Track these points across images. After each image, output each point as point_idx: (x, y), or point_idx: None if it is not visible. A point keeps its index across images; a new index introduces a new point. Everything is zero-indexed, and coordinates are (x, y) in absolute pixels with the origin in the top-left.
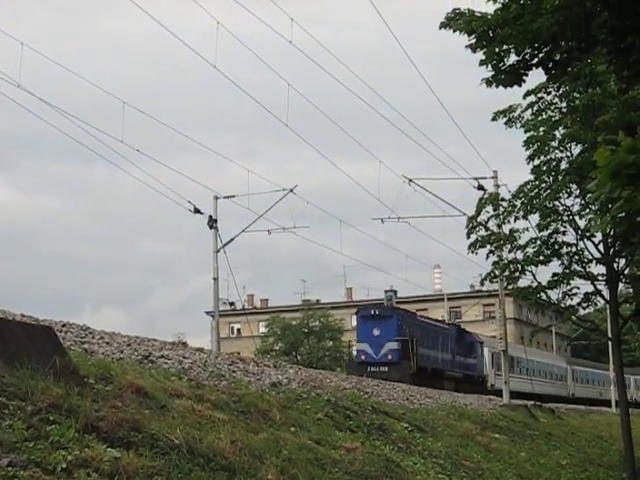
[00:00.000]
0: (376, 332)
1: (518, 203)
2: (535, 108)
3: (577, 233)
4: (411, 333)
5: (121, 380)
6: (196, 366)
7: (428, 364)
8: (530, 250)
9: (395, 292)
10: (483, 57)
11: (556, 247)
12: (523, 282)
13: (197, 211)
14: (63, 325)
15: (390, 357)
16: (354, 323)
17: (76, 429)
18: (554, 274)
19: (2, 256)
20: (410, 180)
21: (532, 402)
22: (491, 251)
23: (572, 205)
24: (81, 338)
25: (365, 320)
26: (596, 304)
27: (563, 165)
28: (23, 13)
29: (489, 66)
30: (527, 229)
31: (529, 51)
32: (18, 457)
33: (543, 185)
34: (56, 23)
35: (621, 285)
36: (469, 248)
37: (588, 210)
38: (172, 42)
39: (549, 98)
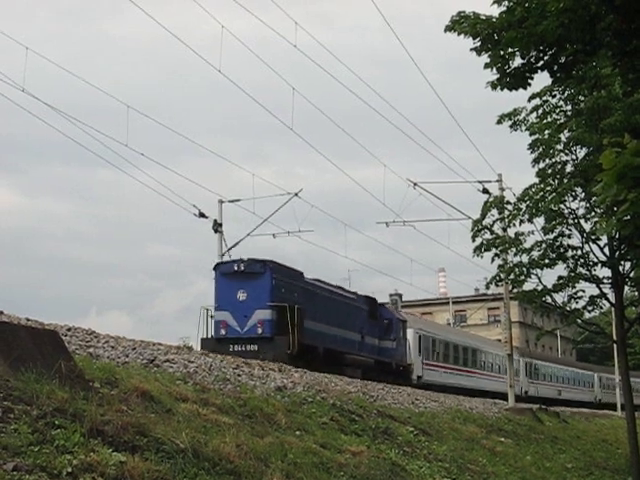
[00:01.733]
0: (241, 296)
1: (523, 206)
2: (540, 111)
3: (582, 236)
4: (293, 299)
5: (126, 384)
6: (201, 370)
7: (321, 343)
8: (535, 253)
9: (400, 296)
10: (488, 60)
11: (561, 250)
12: (528, 285)
13: (202, 215)
14: (68, 329)
15: (260, 330)
16: None
17: (81, 433)
18: (559, 277)
19: (8, 259)
20: (415, 184)
21: (538, 405)
22: (496, 254)
23: (577, 208)
24: (86, 342)
25: (226, 279)
26: (601, 307)
27: (568, 168)
28: (28, 17)
29: (494, 69)
30: (532, 232)
31: (534, 54)
32: (23, 461)
33: (548, 188)
34: (63, 27)
35: (627, 288)
36: (474, 251)
37: (593, 213)
38: (181, 46)
39: (554, 101)
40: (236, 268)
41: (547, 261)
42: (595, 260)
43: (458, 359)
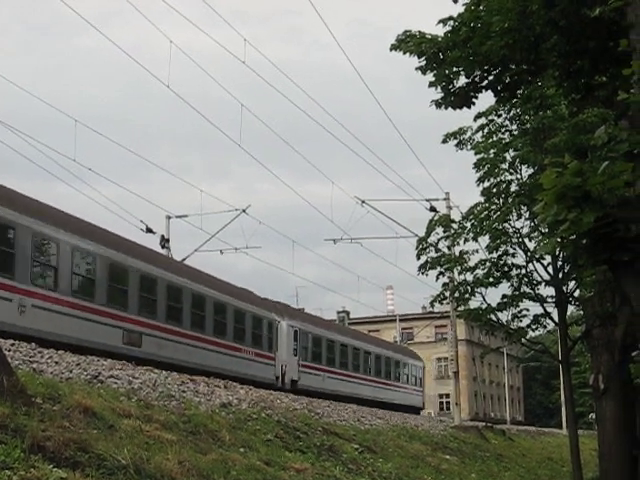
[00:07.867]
0: None
1: (468, 225)
2: (486, 130)
3: (526, 255)
4: None
5: (69, 400)
6: (145, 386)
7: None
8: (480, 272)
9: (347, 313)
10: (433, 79)
11: (505, 269)
12: (474, 303)
13: (149, 230)
14: (12, 344)
15: None
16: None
17: (22, 449)
18: (504, 296)
19: None
20: (363, 201)
21: (483, 423)
22: (441, 272)
23: (522, 227)
24: (30, 357)
25: None
26: (545, 326)
27: (513, 187)
28: None
29: (438, 88)
30: (477, 251)
31: (478, 73)
32: None
33: (493, 207)
34: (25, 42)
35: (571, 307)
36: (419, 269)
37: (537, 232)
38: (145, 61)
39: (500, 120)
40: None
41: (491, 280)
42: (539, 279)
43: None
